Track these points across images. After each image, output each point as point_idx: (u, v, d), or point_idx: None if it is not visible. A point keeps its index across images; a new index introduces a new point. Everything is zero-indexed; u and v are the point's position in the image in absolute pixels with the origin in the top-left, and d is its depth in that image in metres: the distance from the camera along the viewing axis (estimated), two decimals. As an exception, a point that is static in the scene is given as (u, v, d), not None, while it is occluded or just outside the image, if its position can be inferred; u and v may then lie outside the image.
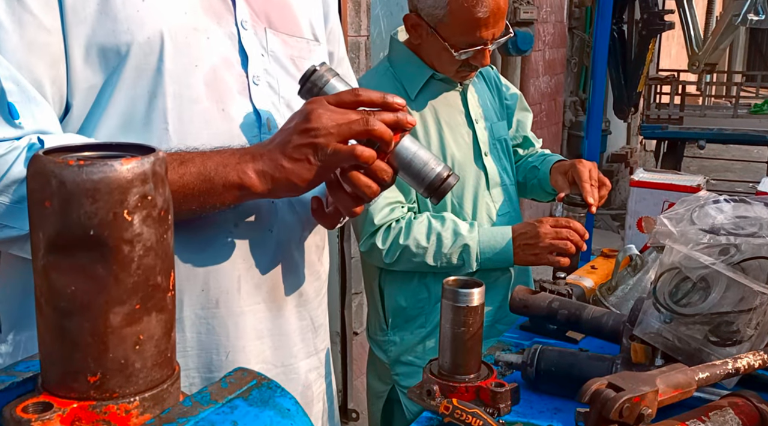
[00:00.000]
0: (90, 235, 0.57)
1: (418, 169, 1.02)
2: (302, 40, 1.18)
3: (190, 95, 1.02)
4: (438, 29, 1.66)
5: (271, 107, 1.11)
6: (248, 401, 0.65)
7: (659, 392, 0.91)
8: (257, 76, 1.09)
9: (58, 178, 0.57)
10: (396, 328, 1.84)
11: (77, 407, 0.59)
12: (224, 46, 1.07)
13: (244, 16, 1.09)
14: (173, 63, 1.01)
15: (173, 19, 1.02)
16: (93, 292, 0.59)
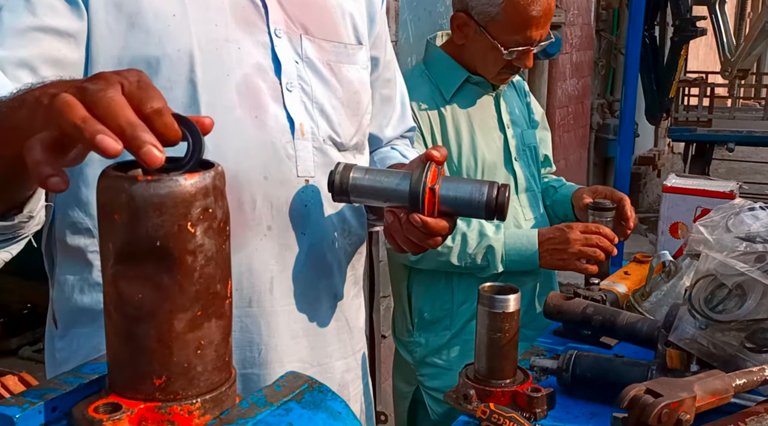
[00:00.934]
0: (156, 246, 0.61)
1: (467, 202, 1.04)
2: (340, 44, 1.19)
3: (223, 104, 1.05)
4: (488, 27, 1.70)
5: (303, 113, 1.13)
6: (302, 404, 0.68)
7: (697, 398, 0.92)
8: (290, 83, 1.12)
9: (128, 193, 0.60)
10: (421, 329, 1.86)
11: (144, 408, 0.63)
12: (256, 54, 1.09)
13: (277, 24, 1.12)
14: (205, 73, 1.04)
15: (203, 31, 1.05)
16: (159, 300, 0.62)
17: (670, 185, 1.76)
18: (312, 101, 1.15)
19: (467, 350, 1.80)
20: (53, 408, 0.66)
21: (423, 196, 1.02)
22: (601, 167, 7.00)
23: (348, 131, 1.21)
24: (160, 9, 1.03)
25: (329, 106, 1.17)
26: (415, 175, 1.04)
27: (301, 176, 1.13)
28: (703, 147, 6.69)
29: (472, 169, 1.78)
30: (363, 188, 1.07)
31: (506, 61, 1.73)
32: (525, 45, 1.70)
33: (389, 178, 1.07)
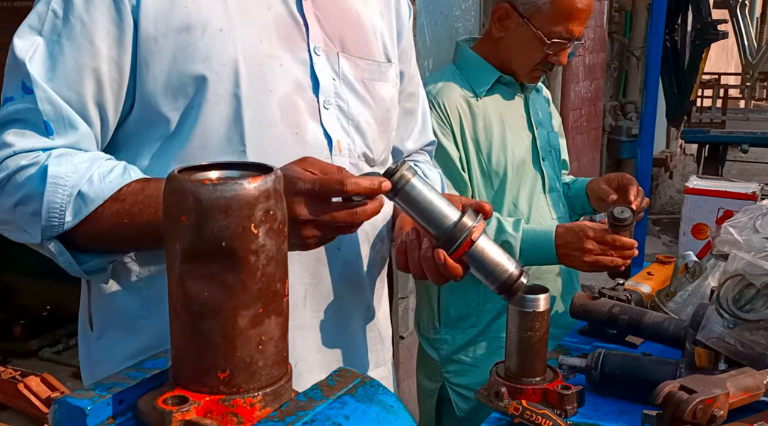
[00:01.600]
0: (222, 246, 0.64)
1: (490, 270, 1.05)
2: (374, 62, 1.21)
3: (266, 119, 1.07)
4: (532, 18, 1.73)
5: (340, 130, 1.15)
6: (355, 397, 0.71)
7: (730, 395, 0.95)
8: (327, 100, 1.13)
9: (195, 196, 0.63)
10: (448, 326, 1.88)
11: (209, 400, 0.66)
12: (297, 71, 1.11)
13: (317, 42, 1.13)
14: (249, 89, 1.05)
15: (248, 48, 1.06)
16: (223, 298, 0.65)
17: (691, 187, 1.78)
18: (348, 118, 1.16)
19: (493, 347, 1.82)
20: (120, 401, 0.69)
21: (461, 242, 1.03)
22: (613, 169, 7.01)
23: (379, 147, 1.23)
24: (208, 24, 1.04)
25: (364, 122, 1.19)
26: (465, 217, 1.04)
27: None
28: (717, 148, 6.70)
29: (502, 165, 1.80)
30: (414, 197, 1.04)
31: (543, 56, 1.75)
32: (565, 39, 1.73)
33: (440, 204, 1.05)
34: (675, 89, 6.06)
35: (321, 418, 0.67)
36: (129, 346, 1.12)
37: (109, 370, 1.12)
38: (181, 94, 1.04)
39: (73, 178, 0.98)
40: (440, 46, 3.67)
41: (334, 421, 0.67)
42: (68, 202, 0.97)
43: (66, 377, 3.73)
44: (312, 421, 0.66)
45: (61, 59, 1.01)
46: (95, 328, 1.17)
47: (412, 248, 1.11)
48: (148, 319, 1.11)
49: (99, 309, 1.15)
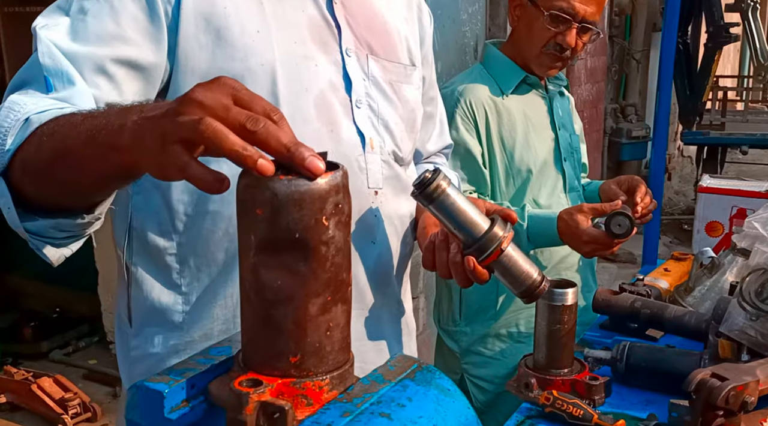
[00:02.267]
0: (295, 237, 0.68)
1: (515, 277, 1.09)
2: (400, 65, 1.26)
3: (302, 117, 1.10)
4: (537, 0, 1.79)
5: (371, 128, 1.19)
6: (415, 381, 0.75)
7: (760, 382, 0.99)
8: (359, 100, 1.17)
9: (272, 190, 0.67)
10: (468, 318, 1.92)
11: (281, 383, 0.70)
12: (330, 72, 1.15)
13: (348, 44, 1.17)
14: (286, 88, 1.09)
15: (285, 48, 1.10)
16: (296, 286, 0.69)
17: (705, 185, 1.82)
18: (378, 118, 1.20)
19: (512, 340, 1.87)
20: (192, 385, 0.73)
21: (491, 252, 1.07)
22: (614, 171, 7.06)
23: (407, 147, 1.28)
24: (246, 25, 1.08)
25: (392, 122, 1.22)
26: (495, 227, 1.07)
27: (371, 188, 1.19)
28: (715, 150, 6.76)
29: (525, 164, 1.84)
30: (447, 205, 1.07)
31: (550, 35, 1.78)
32: (566, 14, 1.76)
33: (472, 213, 1.08)
34: (687, 91, 6.14)
35: (386, 399, 0.71)
36: (168, 342, 1.15)
37: (149, 366, 1.16)
38: None
39: (29, 107, 0.91)
40: (448, 50, 3.71)
41: (398, 403, 0.71)
42: (14, 127, 0.89)
43: (77, 378, 3.76)
44: (378, 403, 0.70)
45: (82, 30, 1.01)
46: (134, 324, 1.19)
47: (440, 249, 1.15)
48: (189, 314, 1.14)
49: (138, 304, 1.18)
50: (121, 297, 1.23)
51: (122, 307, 1.22)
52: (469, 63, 4.00)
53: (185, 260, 1.14)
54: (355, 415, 0.68)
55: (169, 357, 1.15)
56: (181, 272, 1.14)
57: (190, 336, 1.15)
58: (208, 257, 1.13)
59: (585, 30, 1.82)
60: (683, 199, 8.06)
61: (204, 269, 1.14)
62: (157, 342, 1.17)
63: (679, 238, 6.44)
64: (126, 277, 1.19)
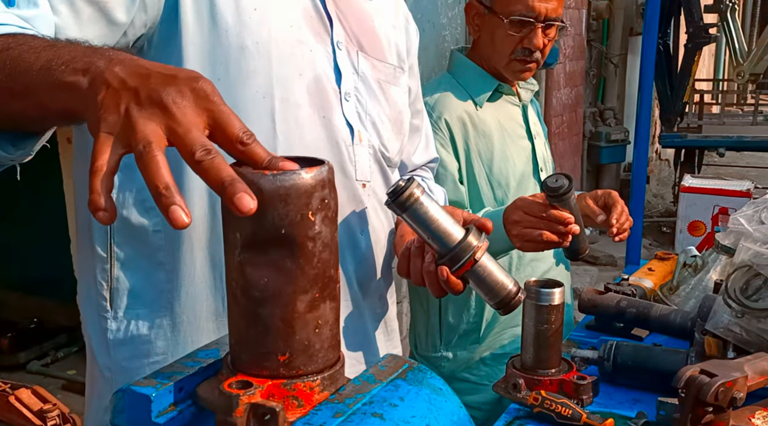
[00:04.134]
0: (282, 233, 0.66)
1: (490, 288, 1.07)
2: (389, 65, 1.27)
3: (295, 100, 1.11)
4: (494, 6, 1.74)
5: (358, 122, 1.19)
6: (407, 381, 0.74)
7: (748, 378, 0.99)
8: (348, 93, 1.18)
9: (257, 186, 0.65)
10: (448, 343, 1.84)
11: (271, 385, 0.68)
12: (323, 61, 1.15)
13: (339, 37, 1.18)
14: (281, 68, 1.09)
15: (280, 29, 1.10)
16: (283, 283, 0.68)
17: (687, 185, 1.83)
18: (366, 113, 1.21)
19: (499, 364, 1.79)
20: (180, 388, 0.71)
21: (465, 262, 1.05)
22: (594, 174, 7.11)
23: (394, 147, 1.27)
24: (243, 1, 1.08)
25: (379, 120, 1.23)
26: (469, 237, 1.06)
27: (360, 180, 1.19)
28: (692, 152, 6.83)
29: (504, 176, 1.78)
30: (421, 213, 1.06)
31: (515, 41, 1.73)
32: (528, 17, 1.71)
33: (446, 222, 1.07)
34: (668, 91, 6.21)
35: (378, 399, 0.70)
36: (154, 322, 1.13)
37: (133, 349, 1.14)
38: (214, 67, 1.05)
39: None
40: (428, 54, 3.72)
41: (390, 403, 0.70)
42: None
43: (56, 389, 3.70)
44: (370, 403, 0.69)
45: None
46: (114, 306, 1.15)
47: (415, 257, 1.14)
48: (172, 292, 1.12)
49: (120, 285, 1.14)
50: (91, 282, 1.17)
51: (94, 291, 1.17)
52: (449, 67, 4.00)
53: (170, 238, 1.11)
54: (348, 415, 0.67)
55: (157, 339, 1.14)
56: (166, 250, 1.12)
57: (178, 317, 1.13)
58: (192, 235, 1.11)
59: (549, 26, 1.75)
60: (661, 202, 8.14)
61: (189, 247, 1.12)
62: (142, 324, 1.14)
63: (658, 240, 6.50)
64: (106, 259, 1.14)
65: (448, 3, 4.03)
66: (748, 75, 6.51)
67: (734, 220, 1.21)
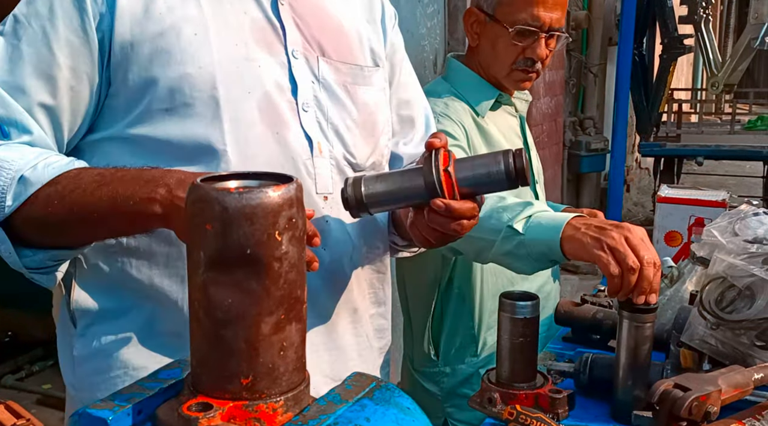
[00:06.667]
0: (247, 253, 0.65)
1: (486, 177, 1.02)
2: (356, 67, 1.23)
3: (246, 120, 1.09)
4: (496, 13, 1.69)
5: (319, 132, 1.17)
6: (374, 400, 0.73)
7: (722, 392, 0.98)
8: (306, 103, 1.16)
9: (222, 204, 0.64)
10: (447, 358, 1.80)
11: (233, 406, 0.67)
12: (275, 74, 1.13)
13: (295, 45, 1.16)
14: (227, 90, 1.08)
15: (225, 50, 1.09)
16: (247, 304, 0.66)
17: (664, 195, 1.84)
18: (327, 122, 1.18)
19: None
20: (139, 411, 0.70)
21: (439, 180, 1.00)
22: (574, 183, 7.15)
23: (363, 152, 1.24)
24: (183, 29, 1.07)
25: (344, 127, 1.20)
26: (426, 164, 1.03)
27: (320, 193, 1.17)
28: (672, 161, 6.89)
29: None
30: (378, 196, 1.04)
31: (518, 51, 1.69)
32: (533, 26, 1.66)
33: (402, 177, 1.05)
34: (644, 102, 6.27)
35: (343, 420, 0.68)
36: (116, 339, 1.13)
37: (96, 364, 1.14)
38: (159, 96, 1.06)
39: (18, 163, 1.00)
40: (407, 63, 3.72)
41: (356, 424, 0.68)
42: (10, 186, 0.99)
43: (30, 404, 3.64)
44: (335, 424, 0.67)
45: (18, 62, 1.04)
46: (78, 324, 1.16)
47: (420, 224, 1.10)
48: (131, 310, 1.12)
49: (83, 304, 1.15)
50: (62, 299, 1.20)
51: (63, 308, 1.19)
52: (428, 76, 4.01)
53: (133, 256, 1.11)
54: (311, 438, 0.65)
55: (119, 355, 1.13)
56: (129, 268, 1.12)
57: (135, 330, 1.13)
58: (156, 253, 1.11)
59: (552, 36, 1.71)
60: (642, 210, 8.19)
61: (155, 264, 1.12)
62: (103, 342, 1.14)
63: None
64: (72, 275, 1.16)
65: (428, 13, 4.04)
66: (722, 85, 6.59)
67: (708, 232, 1.22)
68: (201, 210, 0.65)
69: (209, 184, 0.66)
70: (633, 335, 1.17)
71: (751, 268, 1.12)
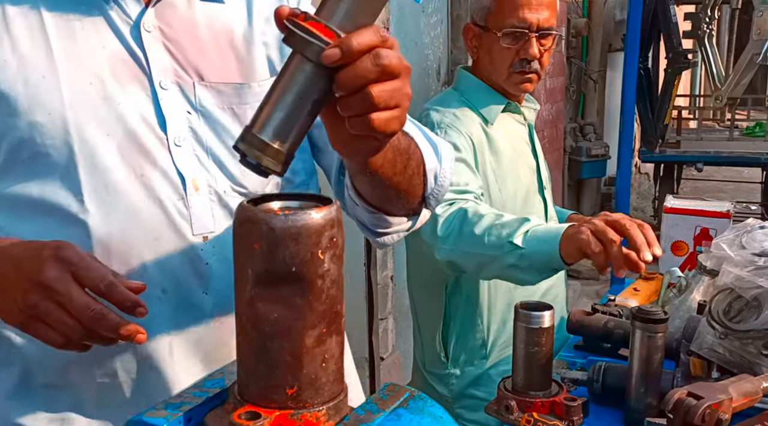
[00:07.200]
0: (292, 271, 0.69)
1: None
2: (244, 85, 1.09)
3: (103, 165, 1.00)
4: (488, 24, 1.79)
5: (197, 167, 1.06)
6: (408, 410, 0.76)
7: (733, 400, 1.03)
8: (179, 137, 1.05)
9: (269, 225, 0.68)
10: (456, 361, 1.84)
11: (279, 415, 0.71)
12: (141, 109, 1.03)
13: (163, 75, 1.04)
14: (81, 135, 0.99)
15: (77, 92, 1.00)
16: (292, 319, 0.70)
17: (670, 206, 1.88)
18: (208, 153, 1.07)
19: None
20: (189, 418, 0.74)
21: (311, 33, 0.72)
22: (575, 189, 7.19)
23: (257, 179, 1.05)
24: (30, 74, 0.99)
25: (229, 156, 1.08)
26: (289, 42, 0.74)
27: (198, 234, 1.06)
28: (671, 167, 6.95)
29: (512, 192, 1.81)
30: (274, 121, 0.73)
31: (512, 54, 1.77)
32: (519, 28, 1.76)
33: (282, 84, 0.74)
34: (650, 114, 6.36)
35: (382, 429, 0.72)
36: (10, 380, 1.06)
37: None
38: (10, 149, 0.99)
39: None
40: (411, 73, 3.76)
41: (394, 432, 0.72)
42: None
43: None
44: (375, 432, 0.71)
45: None
46: None
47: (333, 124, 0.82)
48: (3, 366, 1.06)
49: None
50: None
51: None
52: (431, 85, 4.06)
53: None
54: (354, 445, 0.69)
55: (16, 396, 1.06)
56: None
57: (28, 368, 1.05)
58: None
59: (544, 36, 1.79)
60: (641, 216, 8.24)
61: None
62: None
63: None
64: None
65: (431, 23, 4.09)
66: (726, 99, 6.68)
67: (716, 245, 1.26)
68: (249, 230, 0.69)
69: (256, 207, 0.70)
70: (645, 345, 1.21)
71: (758, 280, 1.16)
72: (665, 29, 6.20)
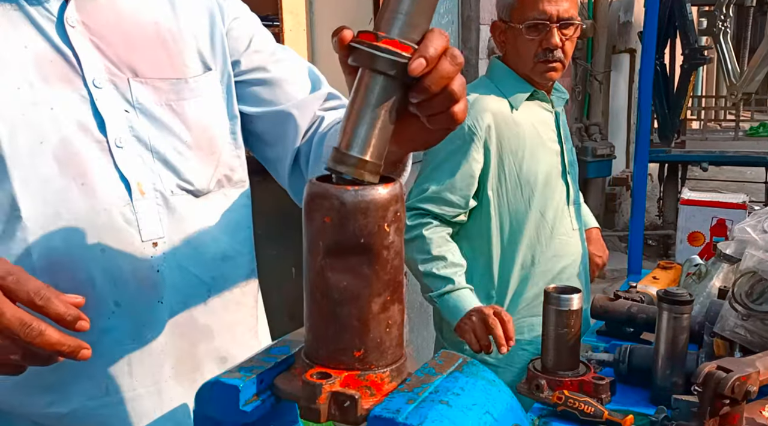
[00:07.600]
0: (361, 242, 0.74)
1: None
2: (180, 80, 1.04)
3: (40, 176, 0.93)
4: (512, 19, 1.94)
5: (141, 167, 1.00)
6: (464, 373, 0.82)
7: (760, 373, 1.08)
8: (120, 138, 0.98)
9: (340, 200, 0.74)
10: None
11: (347, 376, 0.76)
12: (76, 112, 0.95)
13: (96, 73, 0.97)
14: (12, 146, 0.91)
15: (4, 99, 0.91)
16: (360, 287, 0.76)
17: (686, 198, 1.93)
18: (152, 152, 1.01)
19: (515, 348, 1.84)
20: (261, 380, 0.79)
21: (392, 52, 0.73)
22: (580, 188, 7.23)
23: (204, 174, 1.07)
24: None
25: (174, 153, 1.03)
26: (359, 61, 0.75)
27: (147, 240, 1.00)
28: (676, 167, 7.00)
29: (533, 174, 1.93)
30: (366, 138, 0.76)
31: (535, 45, 1.90)
32: (540, 19, 1.88)
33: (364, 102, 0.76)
34: (666, 109, 6.44)
35: (442, 389, 0.77)
36: None
37: None
38: None
39: None
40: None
41: (453, 392, 0.77)
42: None
43: None
44: (435, 392, 0.77)
45: None
46: None
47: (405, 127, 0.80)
48: None
49: None
50: None
51: None
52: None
53: None
54: (418, 402, 0.74)
55: None
56: None
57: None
58: None
59: (565, 26, 1.92)
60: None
61: None
62: None
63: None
64: None
65: (442, 23, 4.15)
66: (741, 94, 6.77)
67: (741, 230, 1.31)
68: (320, 205, 0.75)
69: (327, 183, 0.75)
70: (671, 326, 1.26)
71: (782, 262, 1.22)
72: (681, 27, 6.31)
